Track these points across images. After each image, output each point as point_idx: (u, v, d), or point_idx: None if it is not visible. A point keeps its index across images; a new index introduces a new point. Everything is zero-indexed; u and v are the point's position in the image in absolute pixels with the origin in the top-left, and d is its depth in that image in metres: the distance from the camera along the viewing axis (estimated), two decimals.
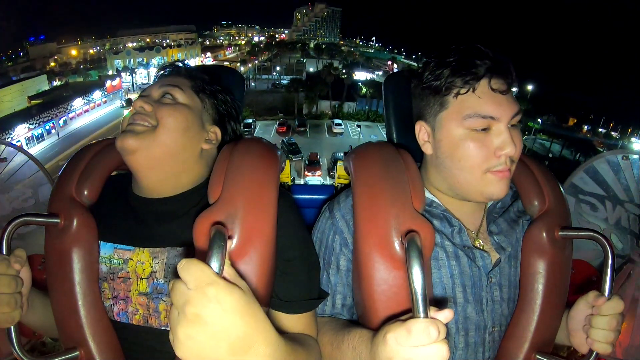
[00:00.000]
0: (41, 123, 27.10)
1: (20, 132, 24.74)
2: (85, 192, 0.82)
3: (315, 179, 19.79)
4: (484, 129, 0.74)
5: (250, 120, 27.13)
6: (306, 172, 20.02)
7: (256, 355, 0.49)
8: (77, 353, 0.77)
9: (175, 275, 0.75)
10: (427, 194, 0.84)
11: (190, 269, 0.46)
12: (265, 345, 0.50)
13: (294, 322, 0.78)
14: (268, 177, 0.74)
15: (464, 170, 0.76)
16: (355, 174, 0.80)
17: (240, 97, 1.04)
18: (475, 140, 0.74)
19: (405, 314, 0.64)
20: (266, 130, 28.86)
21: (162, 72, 0.91)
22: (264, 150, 0.79)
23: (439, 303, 0.78)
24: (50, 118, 28.34)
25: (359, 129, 29.65)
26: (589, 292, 0.75)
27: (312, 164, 20.52)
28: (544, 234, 0.80)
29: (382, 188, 0.75)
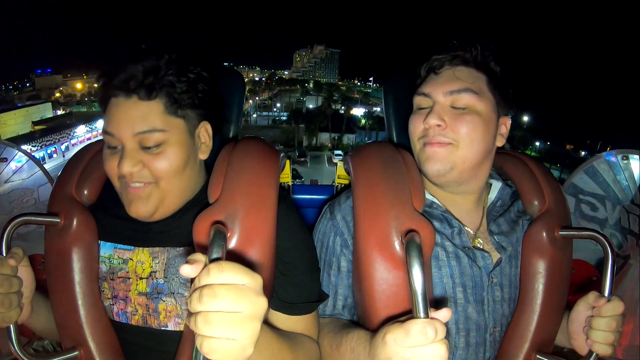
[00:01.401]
0: (43, 146, 27.32)
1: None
2: (85, 192, 0.81)
3: None
4: (426, 108, 0.83)
5: None
6: None
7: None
8: (76, 353, 0.76)
9: (176, 274, 0.74)
10: (427, 195, 0.85)
11: (225, 268, 0.46)
12: None
13: (294, 323, 0.77)
14: (268, 176, 0.75)
15: (411, 144, 0.85)
16: (356, 174, 0.81)
17: (241, 98, 1.04)
18: (415, 115, 0.85)
19: (406, 313, 0.63)
20: None
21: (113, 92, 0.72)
22: (264, 150, 0.79)
23: (439, 303, 0.77)
24: (52, 142, 28.60)
25: None
26: (589, 293, 0.74)
27: None
28: (544, 234, 0.80)
29: (382, 188, 0.75)
